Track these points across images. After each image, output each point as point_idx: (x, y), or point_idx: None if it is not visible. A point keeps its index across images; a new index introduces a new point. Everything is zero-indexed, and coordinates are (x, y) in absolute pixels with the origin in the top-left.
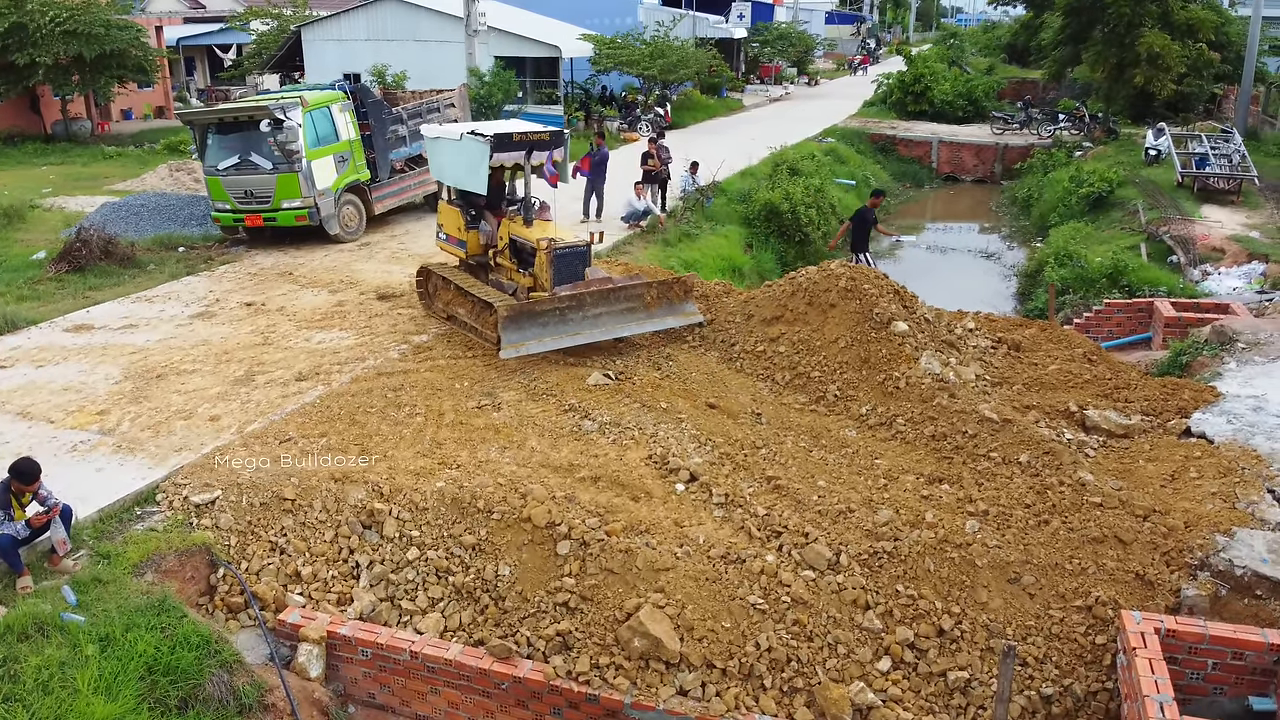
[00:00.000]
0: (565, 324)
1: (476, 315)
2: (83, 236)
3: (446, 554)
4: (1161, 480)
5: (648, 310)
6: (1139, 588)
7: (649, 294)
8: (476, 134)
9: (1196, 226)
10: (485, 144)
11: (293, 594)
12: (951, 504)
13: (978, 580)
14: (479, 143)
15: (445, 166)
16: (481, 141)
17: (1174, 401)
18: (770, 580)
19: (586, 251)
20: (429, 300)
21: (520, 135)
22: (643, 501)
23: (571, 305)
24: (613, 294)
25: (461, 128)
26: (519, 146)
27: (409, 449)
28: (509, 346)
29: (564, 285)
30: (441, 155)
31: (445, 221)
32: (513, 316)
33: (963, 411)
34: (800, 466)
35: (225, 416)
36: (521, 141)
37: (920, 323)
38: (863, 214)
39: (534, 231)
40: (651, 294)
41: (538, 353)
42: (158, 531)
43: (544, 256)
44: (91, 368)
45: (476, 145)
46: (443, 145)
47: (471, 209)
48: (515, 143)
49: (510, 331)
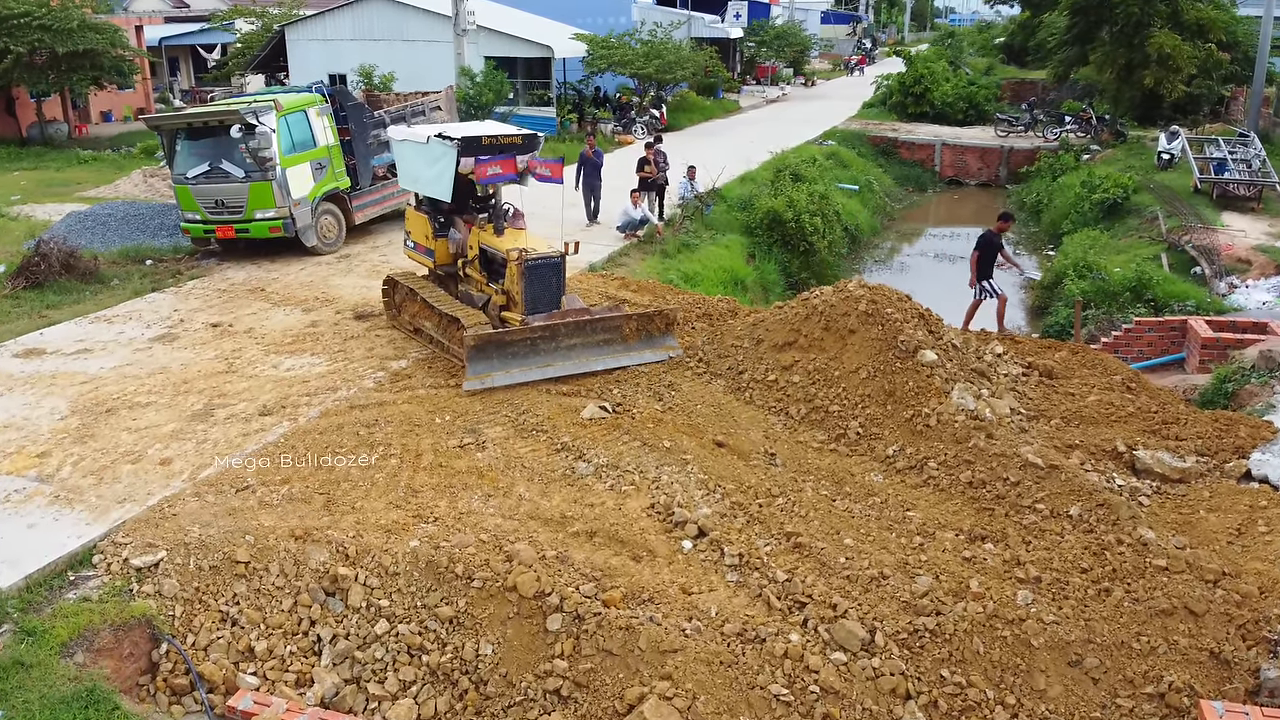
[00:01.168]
0: (536, 355)
1: (443, 330)
2: (42, 250)
3: (420, 628)
4: (1228, 535)
5: (625, 343)
6: (1214, 668)
7: (628, 326)
8: (444, 137)
9: (1219, 236)
10: (452, 148)
11: (245, 674)
12: (998, 568)
13: (1034, 664)
14: (446, 146)
15: (411, 171)
16: (449, 145)
17: (1229, 439)
18: (795, 665)
19: (561, 263)
20: (395, 312)
21: (490, 139)
22: (645, 562)
23: (544, 336)
24: (589, 325)
25: (429, 129)
26: (489, 150)
27: (381, 498)
28: (473, 378)
29: (539, 314)
30: (408, 159)
31: (413, 229)
32: (480, 346)
33: (1003, 455)
34: (823, 520)
35: (178, 459)
36: (492, 145)
37: (948, 349)
38: (990, 239)
39: (505, 241)
40: (630, 326)
41: (502, 385)
42: (92, 602)
43: (515, 269)
44: (37, 400)
45: (443, 149)
46: (409, 149)
47: (440, 216)
48: (485, 147)
49: (477, 362)
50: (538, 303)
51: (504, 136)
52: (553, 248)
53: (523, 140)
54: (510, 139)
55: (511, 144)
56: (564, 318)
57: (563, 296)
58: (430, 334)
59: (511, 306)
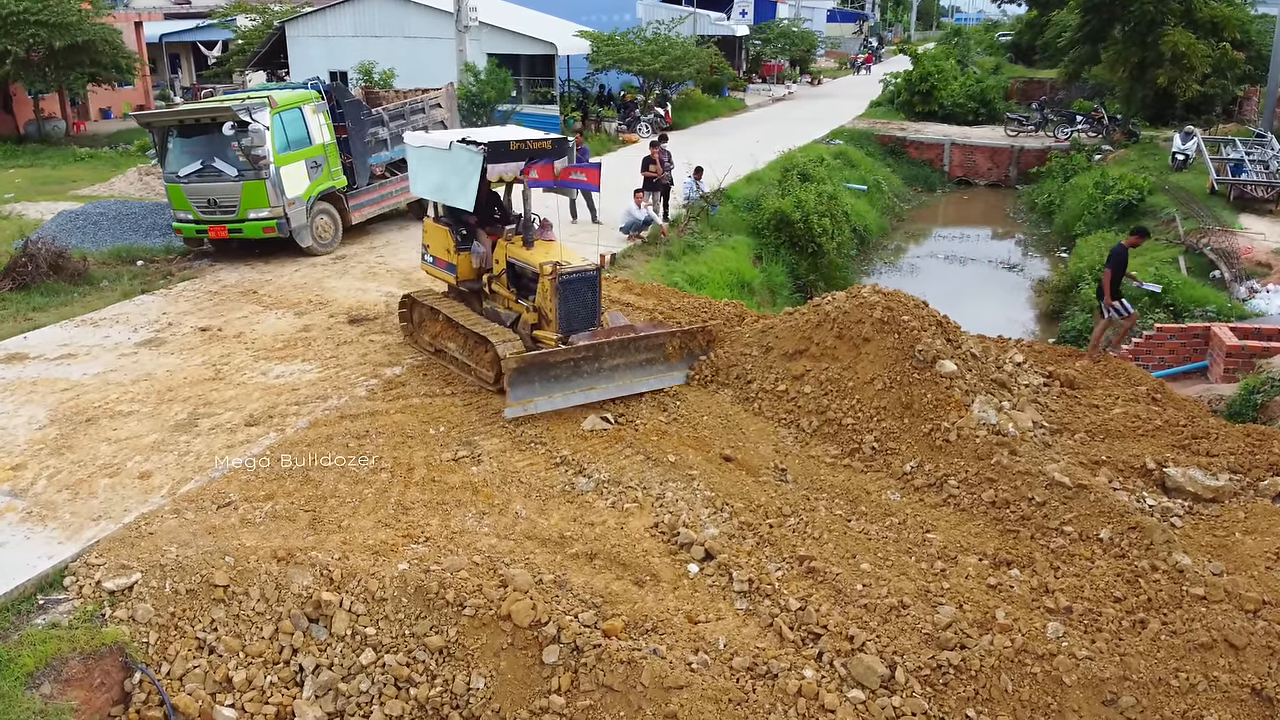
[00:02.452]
0: (578, 377)
1: (470, 351)
2: (30, 250)
3: (408, 658)
4: (1266, 560)
5: (668, 362)
6: (1256, 706)
7: (671, 344)
8: (468, 143)
9: (1238, 239)
10: (478, 154)
11: (222, 706)
12: (1025, 596)
13: (1066, 703)
14: (470, 153)
15: (429, 179)
16: (473, 151)
17: (1263, 455)
18: (809, 704)
19: (596, 277)
20: (414, 332)
21: (518, 144)
22: (648, 586)
23: (587, 356)
24: (633, 344)
25: (449, 135)
26: (516, 156)
27: (369, 516)
28: (515, 404)
29: (576, 331)
30: (426, 167)
31: (431, 242)
32: (522, 369)
33: (1027, 473)
34: (838, 542)
35: (157, 473)
36: (520, 151)
37: (967, 359)
38: (1121, 255)
39: (535, 254)
40: (674, 344)
41: (544, 410)
42: (61, 628)
43: (548, 283)
44: (15, 409)
45: (467, 156)
46: (427, 155)
47: (461, 228)
48: (512, 152)
49: (519, 387)
50: (573, 319)
51: (533, 142)
52: (586, 260)
53: (552, 145)
54: (539, 144)
55: (541, 149)
56: (608, 336)
57: (603, 314)
58: (454, 355)
59: (544, 324)
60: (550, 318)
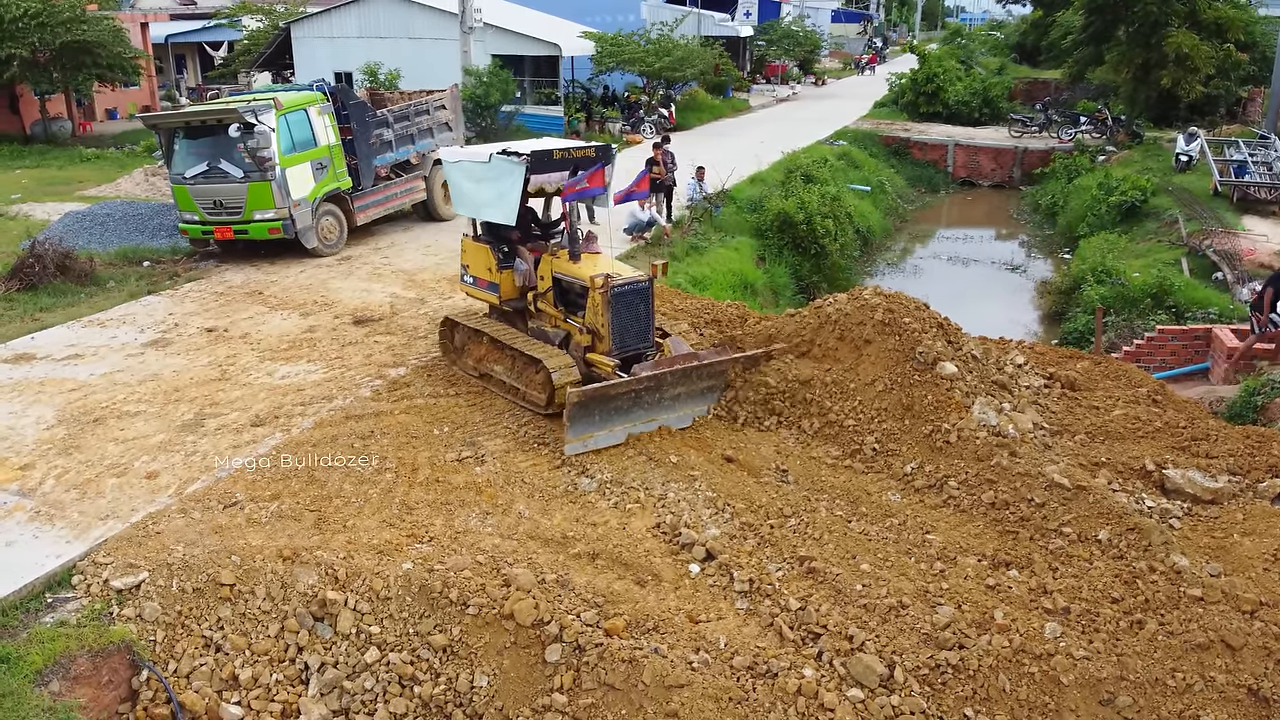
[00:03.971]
0: (639, 408)
1: (519, 374)
2: (37, 251)
3: (412, 657)
4: (1263, 561)
5: (731, 388)
6: (1253, 707)
7: (734, 370)
8: (509, 154)
9: (1241, 240)
10: (520, 165)
11: (229, 704)
12: (1023, 597)
13: (1064, 702)
14: (512, 164)
15: (468, 194)
16: (515, 163)
17: (1262, 457)
18: (809, 703)
19: (649, 289)
20: (455, 356)
21: (561, 153)
22: (650, 586)
23: (649, 387)
24: (695, 373)
25: (488, 148)
26: (561, 166)
27: (374, 516)
28: (576, 440)
29: (631, 349)
30: (464, 182)
31: (471, 262)
32: (584, 403)
33: (1027, 474)
34: (838, 543)
35: (164, 473)
36: (564, 160)
37: (968, 360)
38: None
39: (584, 268)
40: (738, 369)
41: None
42: (70, 626)
43: (599, 298)
44: (24, 409)
45: (509, 167)
46: (466, 170)
47: (503, 245)
48: (556, 162)
49: (579, 422)
50: (626, 334)
51: (575, 150)
52: (637, 272)
53: (596, 153)
54: (582, 152)
55: (584, 158)
56: (670, 365)
57: (666, 341)
58: (502, 379)
59: (596, 344)
60: (603, 334)
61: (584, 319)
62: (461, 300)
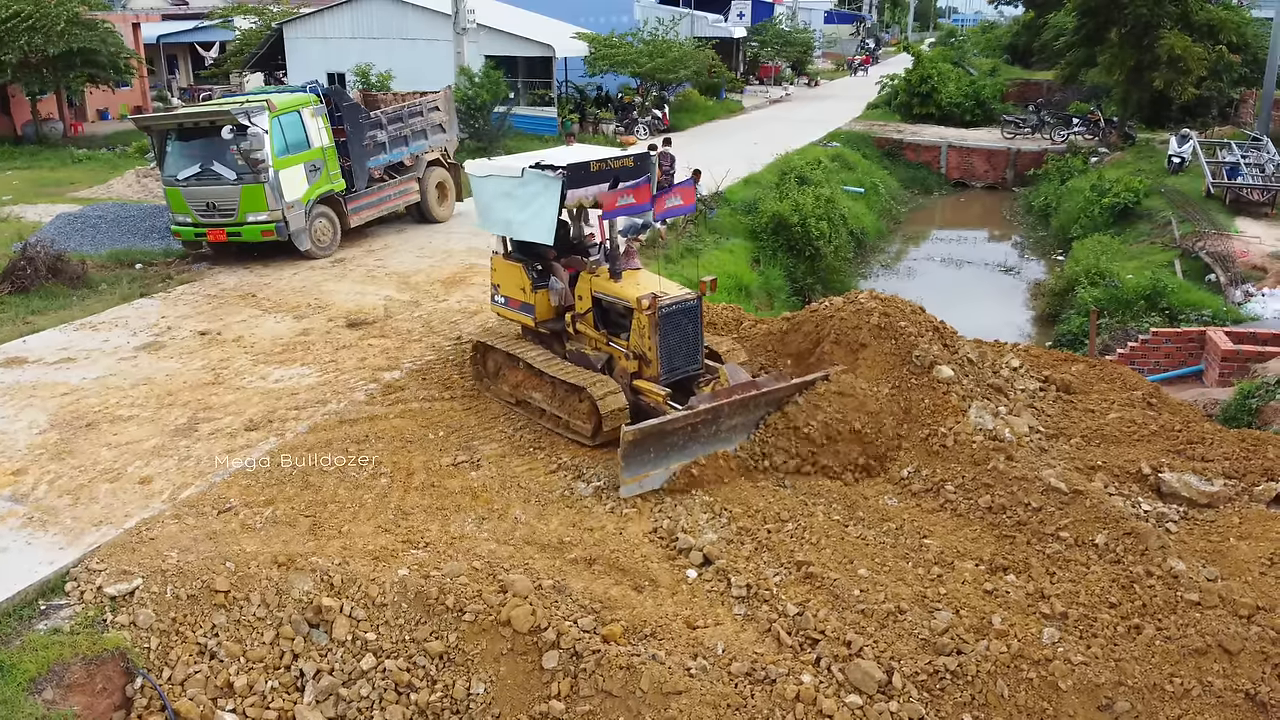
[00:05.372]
0: (695, 443)
1: (560, 402)
2: (28, 254)
3: (409, 664)
4: (1260, 565)
5: None
6: (1250, 711)
7: (794, 396)
8: (543, 167)
9: (1234, 242)
10: (556, 180)
11: (223, 711)
12: (1021, 601)
13: (1062, 709)
14: (547, 179)
15: (499, 210)
16: (551, 177)
17: (1257, 460)
18: (807, 709)
19: (698, 307)
20: (489, 382)
21: (599, 164)
22: (647, 592)
23: (706, 420)
24: (753, 402)
25: (520, 160)
26: (600, 179)
27: (369, 522)
28: (631, 481)
29: (702, 396)
30: (494, 198)
31: (502, 282)
32: (639, 441)
33: (1024, 479)
34: (835, 548)
35: (158, 478)
36: (602, 173)
37: (964, 364)
38: None
39: (626, 287)
40: (797, 394)
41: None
42: (63, 634)
43: (645, 320)
44: (16, 413)
45: (544, 182)
46: (495, 184)
47: (537, 263)
48: (593, 174)
49: (634, 461)
50: (674, 357)
51: (614, 160)
52: (683, 290)
53: (635, 163)
54: (621, 163)
55: (625, 169)
56: (729, 396)
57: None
58: (541, 407)
59: (643, 370)
60: (651, 358)
61: (628, 342)
62: (456, 304)
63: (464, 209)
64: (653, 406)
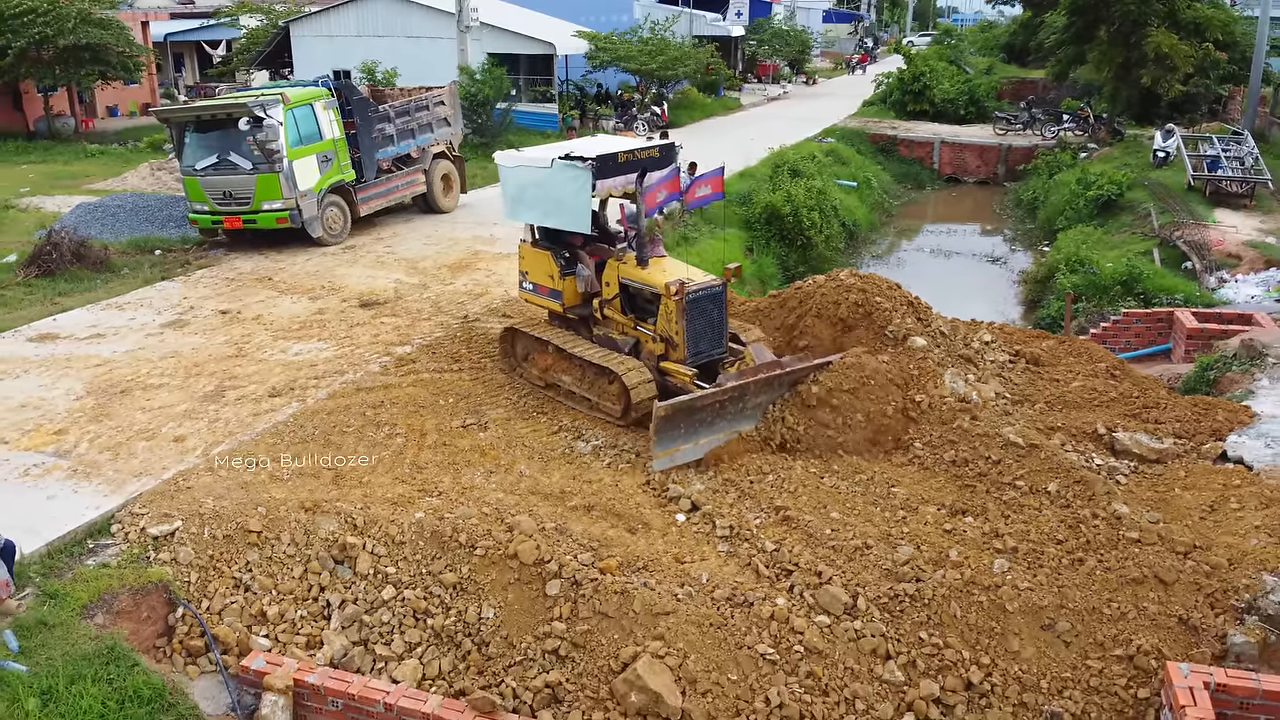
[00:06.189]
0: (722, 419)
1: (590, 384)
2: (54, 239)
3: (425, 593)
4: (1200, 511)
5: None
6: (1182, 634)
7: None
8: (573, 158)
9: (1211, 232)
10: (586, 170)
11: (258, 636)
12: (977, 539)
13: (1008, 627)
14: (578, 169)
15: (530, 200)
16: (581, 168)
17: (1207, 423)
18: (781, 627)
19: (723, 293)
20: (517, 366)
21: (627, 155)
22: (640, 534)
23: (733, 397)
24: (777, 380)
25: (549, 152)
26: (628, 168)
27: (387, 474)
28: (663, 455)
29: (729, 375)
30: (524, 187)
31: (531, 269)
32: (670, 416)
33: (985, 435)
34: (811, 496)
35: (191, 437)
36: (629, 163)
37: (936, 336)
38: None
39: (653, 274)
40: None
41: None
42: (111, 568)
43: (673, 305)
44: (53, 382)
45: (574, 173)
46: (525, 175)
47: (565, 251)
48: (621, 165)
49: (665, 436)
50: (700, 341)
51: (640, 151)
52: (709, 277)
53: (660, 153)
54: (647, 153)
55: (650, 159)
56: (755, 374)
57: (747, 345)
58: (571, 389)
59: (670, 352)
60: (677, 342)
61: (655, 326)
62: (462, 286)
63: (468, 200)
64: (679, 387)
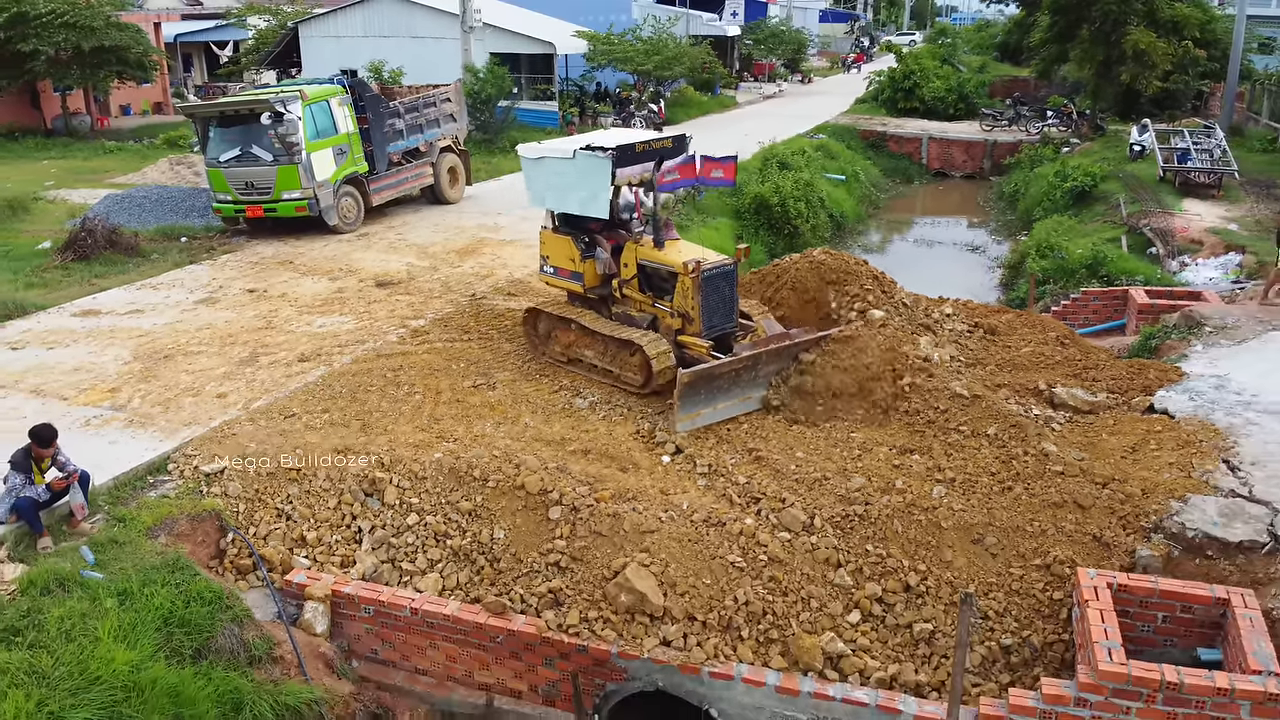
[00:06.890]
0: (738, 386)
1: (611, 357)
2: (88, 226)
3: (444, 519)
4: (1122, 452)
5: None
6: (1096, 549)
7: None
8: (593, 149)
9: (1176, 219)
10: (606, 160)
11: (298, 557)
12: (921, 472)
13: (943, 541)
14: (599, 159)
15: (553, 188)
16: (601, 157)
17: (1140, 381)
18: (749, 541)
19: (734, 272)
20: (541, 344)
21: (643, 145)
22: (631, 472)
23: (748, 365)
24: (786, 351)
25: (570, 143)
26: (645, 158)
27: (408, 424)
28: (685, 418)
29: (744, 345)
30: (546, 177)
31: (552, 253)
32: (693, 383)
33: (935, 389)
34: (780, 440)
35: (232, 394)
36: (646, 153)
37: (898, 307)
38: None
39: (670, 254)
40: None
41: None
42: (170, 498)
43: (690, 282)
44: (101, 349)
45: (595, 162)
46: (549, 165)
47: (584, 236)
48: (639, 154)
49: (688, 401)
50: (714, 315)
51: (656, 142)
52: (721, 256)
53: (674, 144)
54: (661, 144)
55: (665, 149)
56: (767, 345)
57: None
58: (593, 363)
59: (686, 326)
60: (693, 317)
61: (672, 303)
62: (469, 269)
63: (472, 192)
64: (696, 358)
